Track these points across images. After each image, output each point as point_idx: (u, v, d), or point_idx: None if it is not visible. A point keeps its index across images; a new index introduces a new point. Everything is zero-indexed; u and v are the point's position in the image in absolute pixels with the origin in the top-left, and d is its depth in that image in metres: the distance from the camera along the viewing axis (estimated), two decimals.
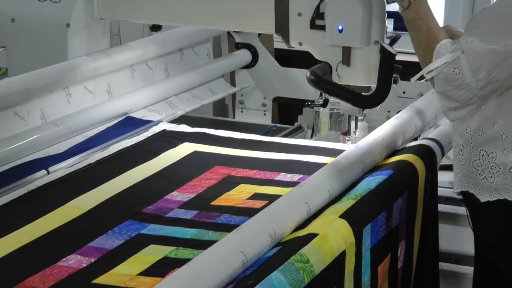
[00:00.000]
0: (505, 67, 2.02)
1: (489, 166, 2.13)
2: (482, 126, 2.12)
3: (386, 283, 2.26)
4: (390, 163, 2.43)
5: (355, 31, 2.34)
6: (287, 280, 1.77)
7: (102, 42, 2.95)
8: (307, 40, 2.46)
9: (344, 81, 2.39)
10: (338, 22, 2.35)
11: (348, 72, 2.39)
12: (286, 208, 2.06)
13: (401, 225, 2.31)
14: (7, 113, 2.59)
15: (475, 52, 2.03)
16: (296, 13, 2.44)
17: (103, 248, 2.03)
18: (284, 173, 2.49)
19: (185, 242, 2.05)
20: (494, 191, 2.13)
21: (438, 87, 2.10)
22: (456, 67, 2.05)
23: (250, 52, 3.62)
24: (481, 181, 2.15)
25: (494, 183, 2.12)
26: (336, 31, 2.36)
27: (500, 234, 2.17)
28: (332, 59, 2.40)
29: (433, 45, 2.10)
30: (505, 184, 2.11)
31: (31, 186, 2.39)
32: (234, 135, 2.86)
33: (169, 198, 2.33)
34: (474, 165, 2.16)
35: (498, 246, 2.19)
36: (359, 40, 2.34)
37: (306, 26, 2.42)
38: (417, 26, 2.15)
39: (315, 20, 2.41)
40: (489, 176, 2.13)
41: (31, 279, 1.88)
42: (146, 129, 2.91)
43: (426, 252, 2.47)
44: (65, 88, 2.80)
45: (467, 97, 2.07)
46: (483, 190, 2.14)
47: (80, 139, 2.75)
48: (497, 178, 2.12)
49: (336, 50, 2.38)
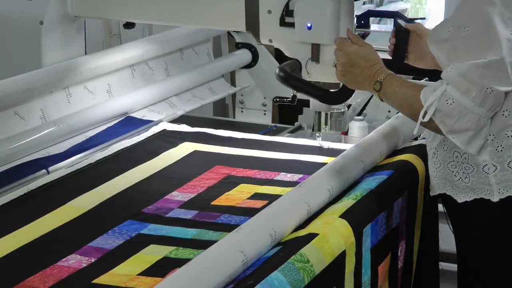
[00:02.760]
0: (492, 74, 2.01)
1: (463, 167, 2.14)
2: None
3: (387, 283, 2.26)
4: (390, 163, 2.43)
5: (323, 28, 2.36)
6: (287, 280, 1.77)
7: (77, 40, 2.92)
8: (277, 37, 2.48)
9: (313, 78, 2.42)
10: (307, 19, 2.37)
11: (317, 68, 2.40)
12: (286, 208, 2.06)
13: (401, 225, 2.31)
14: (7, 113, 2.59)
15: (458, 76, 2.03)
16: (266, 11, 2.46)
17: (103, 248, 2.03)
18: (284, 173, 2.49)
19: (185, 242, 2.04)
20: (471, 191, 2.14)
21: (443, 126, 2.07)
22: (447, 98, 2.04)
23: (250, 52, 3.62)
24: (457, 182, 2.16)
25: (470, 183, 2.13)
26: (305, 28, 2.38)
27: (479, 233, 2.18)
28: (302, 56, 2.42)
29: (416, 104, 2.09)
30: (480, 184, 2.12)
31: (31, 186, 2.39)
32: (234, 135, 2.86)
33: (169, 198, 2.33)
34: (449, 167, 2.17)
35: (478, 245, 2.20)
36: (327, 37, 2.36)
37: (276, 23, 2.44)
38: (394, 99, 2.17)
39: (284, 17, 2.43)
40: (464, 176, 2.14)
41: (31, 279, 1.88)
42: (146, 129, 2.91)
43: (426, 252, 2.47)
44: (65, 88, 2.80)
45: (474, 120, 2.04)
46: (460, 191, 2.16)
47: (80, 139, 2.75)
48: (472, 178, 2.13)
49: (305, 47, 2.40)
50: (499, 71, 2.01)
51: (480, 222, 2.17)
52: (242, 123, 3.19)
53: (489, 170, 2.10)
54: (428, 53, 2.33)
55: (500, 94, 2.03)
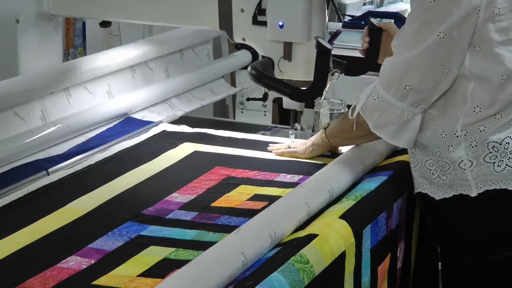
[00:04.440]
0: (412, 73, 2.12)
1: (440, 165, 2.18)
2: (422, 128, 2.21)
3: (385, 283, 2.26)
4: (390, 163, 2.44)
5: (295, 27, 2.39)
6: (287, 280, 1.77)
7: (54, 39, 2.91)
8: (250, 36, 2.51)
9: (286, 76, 2.45)
10: (279, 18, 2.40)
11: (289, 67, 2.44)
12: (286, 209, 2.06)
13: (400, 226, 2.31)
14: (7, 114, 2.59)
15: (382, 71, 2.17)
16: (239, 9, 2.48)
17: (103, 250, 2.02)
18: (284, 173, 2.49)
19: (185, 243, 2.04)
20: (449, 188, 2.18)
21: (371, 122, 2.21)
22: (373, 94, 2.19)
23: (250, 52, 3.62)
24: (435, 180, 2.20)
25: (448, 180, 2.17)
26: (277, 27, 2.41)
27: (459, 228, 2.22)
28: (274, 54, 2.45)
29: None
30: (458, 180, 2.16)
31: (31, 188, 2.39)
32: (234, 135, 2.86)
33: (169, 199, 2.33)
34: (426, 165, 2.21)
35: (459, 241, 2.24)
36: (299, 35, 2.40)
37: (248, 22, 2.47)
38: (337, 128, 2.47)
39: (257, 16, 2.46)
40: (441, 174, 2.18)
41: (31, 280, 1.87)
42: (146, 130, 2.91)
43: (425, 253, 2.47)
44: (66, 88, 2.80)
45: (397, 113, 2.17)
46: (438, 188, 2.19)
47: (80, 140, 2.75)
48: (449, 175, 2.17)
49: (277, 45, 2.44)
50: (418, 68, 2.12)
51: (459, 218, 2.20)
52: (242, 124, 3.18)
53: (465, 166, 2.14)
54: None
55: (419, 91, 2.13)
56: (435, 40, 2.09)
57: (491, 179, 2.13)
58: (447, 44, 2.09)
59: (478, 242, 2.21)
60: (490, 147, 2.12)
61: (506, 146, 2.12)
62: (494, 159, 2.12)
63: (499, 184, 2.13)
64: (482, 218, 2.18)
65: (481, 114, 2.12)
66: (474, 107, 2.13)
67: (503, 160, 2.12)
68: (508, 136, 2.13)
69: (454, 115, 2.15)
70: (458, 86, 2.15)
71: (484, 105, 2.12)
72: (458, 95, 2.15)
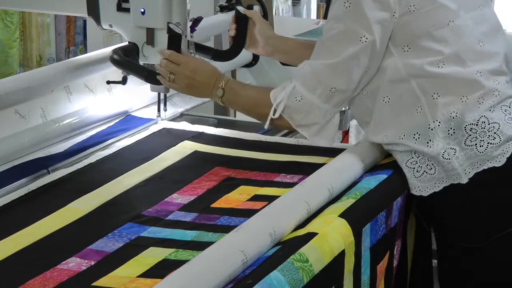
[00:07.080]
0: (337, 77, 2.19)
1: (425, 160, 2.22)
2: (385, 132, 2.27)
3: (382, 281, 2.26)
4: (390, 162, 2.43)
5: (156, 13, 2.52)
6: (286, 279, 1.77)
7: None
8: (116, 22, 2.61)
9: (150, 61, 2.59)
10: (141, 5, 2.53)
11: (152, 52, 2.57)
12: (286, 207, 2.06)
13: (399, 224, 2.31)
14: (7, 112, 2.59)
15: (309, 73, 2.21)
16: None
17: (103, 251, 2.03)
18: (284, 174, 2.49)
19: (185, 244, 2.05)
20: (438, 181, 2.20)
21: (293, 121, 2.27)
22: (296, 96, 2.23)
23: None
24: (421, 177, 2.23)
25: (437, 173, 2.20)
26: (139, 13, 2.52)
27: (454, 219, 2.24)
28: (138, 40, 2.58)
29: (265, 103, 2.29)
30: (446, 171, 2.18)
31: (32, 186, 2.39)
32: (235, 135, 2.85)
33: (169, 200, 2.33)
34: (408, 165, 2.25)
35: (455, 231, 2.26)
36: (160, 21, 2.52)
37: (114, 8, 2.58)
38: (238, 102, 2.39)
39: (121, 3, 2.56)
40: (428, 168, 2.22)
41: (31, 282, 1.88)
42: (146, 127, 2.91)
43: (420, 250, 2.48)
44: (66, 86, 2.80)
45: (321, 114, 2.24)
46: (426, 184, 2.23)
47: (81, 138, 2.75)
48: (437, 167, 2.20)
49: (141, 31, 2.57)
50: (344, 72, 2.18)
51: (455, 208, 2.23)
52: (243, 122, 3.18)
53: (450, 155, 2.16)
54: (259, 40, 2.64)
55: (344, 92, 2.21)
56: (359, 45, 2.15)
57: (477, 160, 2.15)
58: (369, 47, 2.16)
59: (473, 230, 2.23)
60: (468, 129, 2.15)
61: (483, 126, 2.15)
62: (475, 140, 2.15)
63: (486, 163, 2.16)
64: (477, 203, 2.20)
65: (441, 99, 2.15)
66: (432, 95, 2.16)
67: (484, 139, 2.15)
68: (483, 115, 2.15)
69: (415, 115, 2.19)
70: (403, 92, 2.19)
71: (440, 92, 2.16)
72: (406, 99, 2.20)
